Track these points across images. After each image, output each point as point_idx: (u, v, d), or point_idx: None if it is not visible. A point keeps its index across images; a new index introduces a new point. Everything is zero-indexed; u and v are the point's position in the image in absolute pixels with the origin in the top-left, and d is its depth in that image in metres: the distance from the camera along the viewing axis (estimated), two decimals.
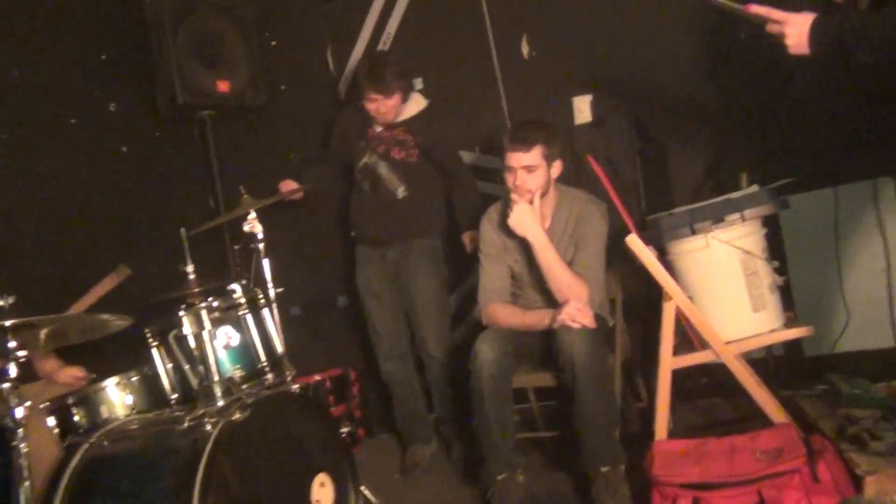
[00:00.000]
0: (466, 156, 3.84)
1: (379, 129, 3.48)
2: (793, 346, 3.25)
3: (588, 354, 2.59)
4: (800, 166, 3.04)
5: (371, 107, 3.37)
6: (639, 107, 3.53)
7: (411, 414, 3.63)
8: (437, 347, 3.46)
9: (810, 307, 3.12)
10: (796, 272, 3.11)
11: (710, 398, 3.44)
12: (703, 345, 2.59)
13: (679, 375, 2.69)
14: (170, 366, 2.78)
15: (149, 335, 2.78)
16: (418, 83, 3.95)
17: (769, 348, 3.13)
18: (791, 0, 1.98)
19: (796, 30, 1.69)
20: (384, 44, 4.07)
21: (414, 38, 4.00)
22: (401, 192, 3.46)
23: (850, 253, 3.10)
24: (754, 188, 2.72)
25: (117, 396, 2.82)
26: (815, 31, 1.66)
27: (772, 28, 1.74)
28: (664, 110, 3.52)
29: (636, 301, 3.26)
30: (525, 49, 3.79)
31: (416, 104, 3.50)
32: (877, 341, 3.13)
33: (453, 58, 3.93)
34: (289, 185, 3.51)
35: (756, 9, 1.77)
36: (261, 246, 3.02)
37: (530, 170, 2.81)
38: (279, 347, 2.82)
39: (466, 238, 3.50)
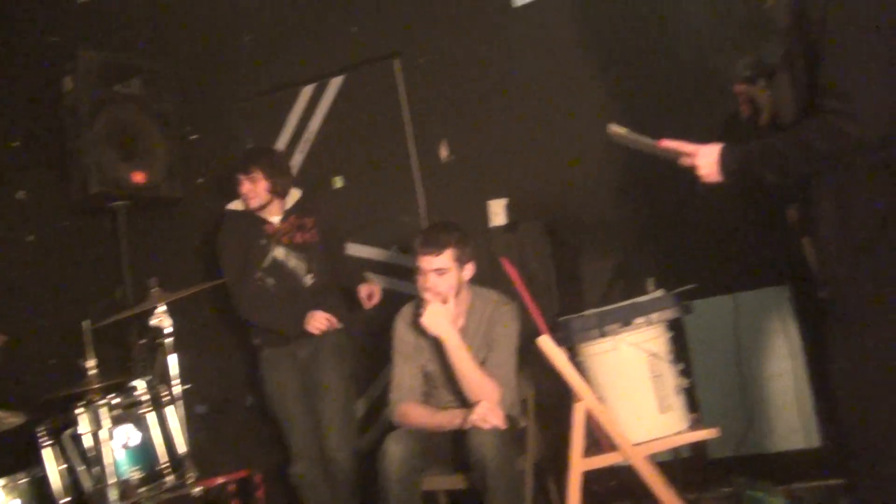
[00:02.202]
0: (382, 253, 3.88)
1: (275, 221, 3.50)
2: (698, 448, 3.30)
3: (499, 456, 2.58)
4: (702, 273, 3.17)
5: (239, 191, 3.47)
6: (552, 212, 3.65)
7: None
8: (340, 448, 3.40)
9: (714, 409, 3.19)
10: (700, 375, 3.20)
11: (620, 502, 3.44)
12: (612, 446, 2.61)
13: (589, 478, 2.69)
14: (63, 467, 2.63)
15: (41, 434, 2.63)
16: (338, 181, 4.02)
17: (675, 450, 3.17)
18: None
19: (706, 160, 1.79)
20: (306, 141, 4.13)
21: (336, 137, 4.08)
22: (308, 279, 3.47)
23: (750, 356, 3.21)
24: (660, 293, 2.81)
25: (3, 500, 2.64)
26: (724, 160, 1.77)
27: (684, 161, 1.84)
28: (576, 216, 3.64)
29: (548, 402, 3.28)
30: (444, 152, 3.90)
31: (294, 196, 3.58)
32: (778, 444, 3.21)
33: (374, 158, 4.01)
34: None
35: (667, 144, 1.87)
36: (168, 341, 2.94)
37: (441, 273, 2.85)
38: (182, 447, 2.70)
39: (363, 290, 3.50)
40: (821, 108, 1.57)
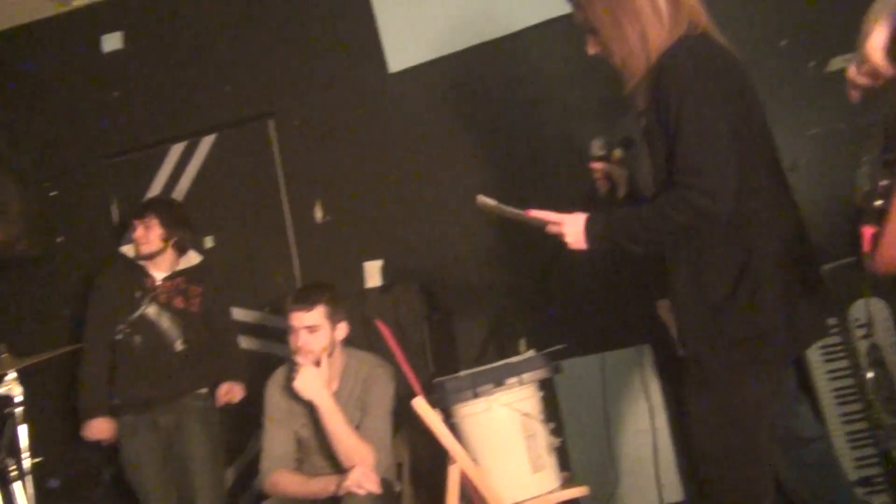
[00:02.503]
0: (254, 315, 3.79)
1: (160, 277, 3.37)
2: None
3: None
4: (571, 334, 3.28)
5: (132, 237, 3.39)
6: (427, 273, 3.69)
7: None
8: None
9: (585, 467, 3.26)
10: (571, 434, 3.27)
11: None
12: None
13: None
14: None
15: None
16: (209, 241, 3.92)
17: None
18: None
19: (572, 229, 1.87)
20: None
21: (207, 197, 3.99)
22: (179, 344, 3.35)
23: (617, 414, 3.32)
24: (531, 353, 2.87)
25: None
26: (589, 230, 1.85)
27: (551, 229, 1.92)
28: (451, 278, 3.70)
29: (424, 465, 3.26)
30: (319, 213, 3.88)
31: (191, 259, 3.51)
32: (644, 499, 3.31)
33: (246, 218, 3.95)
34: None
35: (535, 213, 1.95)
36: (17, 411, 2.74)
37: (312, 330, 2.81)
38: None
39: (222, 390, 3.42)
40: (676, 183, 1.68)
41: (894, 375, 3.12)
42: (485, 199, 2.04)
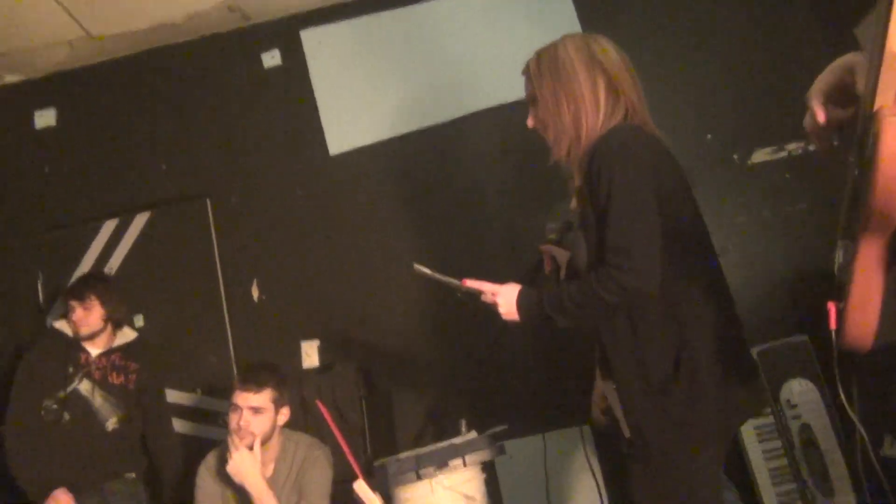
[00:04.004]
0: (186, 397, 3.66)
1: (95, 353, 3.26)
2: None
3: None
4: (512, 413, 3.26)
5: (70, 317, 3.26)
6: (365, 354, 3.65)
7: None
8: None
9: None
10: None
11: None
12: None
13: None
14: None
15: None
16: (139, 319, 3.80)
17: None
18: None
19: (506, 299, 1.90)
20: None
21: (138, 274, 3.88)
22: (111, 423, 3.20)
23: (559, 494, 3.28)
24: (472, 434, 2.85)
25: None
26: (521, 302, 1.88)
27: (486, 298, 1.94)
28: (389, 358, 3.66)
29: None
30: (255, 293, 3.82)
31: (127, 335, 3.41)
32: None
33: (179, 297, 3.85)
34: None
35: (471, 283, 1.98)
36: None
37: (257, 412, 2.74)
38: None
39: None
40: (605, 262, 1.72)
41: (825, 454, 3.20)
42: (420, 268, 2.06)
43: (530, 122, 1.99)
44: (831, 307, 1.47)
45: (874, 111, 1.20)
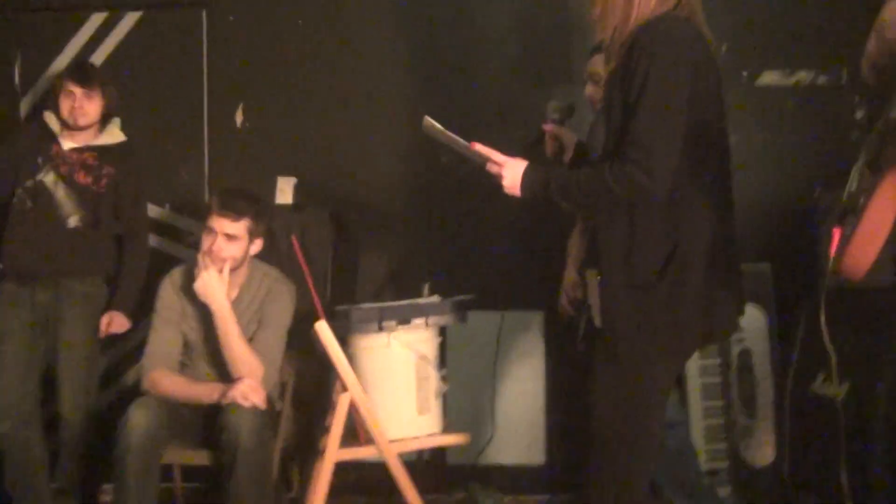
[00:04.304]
0: (154, 210, 3.63)
1: (67, 146, 3.17)
2: (437, 453, 3.44)
3: (254, 436, 2.51)
4: (474, 286, 3.32)
5: (66, 103, 3.13)
6: (339, 200, 3.63)
7: (26, 483, 3.14)
8: (73, 409, 3.09)
9: (460, 418, 3.33)
10: (453, 383, 3.32)
11: (354, 496, 3.47)
12: (369, 440, 2.64)
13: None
14: None
15: None
16: (116, 123, 3.69)
17: (420, 452, 3.28)
18: None
19: (511, 173, 1.87)
20: None
21: (120, 76, 3.71)
22: (73, 220, 3.14)
23: (504, 374, 3.40)
24: (436, 298, 2.90)
25: None
26: (527, 178, 1.86)
27: (491, 167, 1.91)
28: (363, 209, 3.65)
29: (306, 388, 3.24)
30: (239, 118, 3.73)
31: (114, 135, 3.30)
32: (510, 457, 3.43)
33: (160, 108, 3.72)
34: None
35: (479, 148, 1.94)
36: None
37: (231, 239, 2.73)
38: None
39: (104, 319, 3.17)
40: (623, 155, 1.72)
41: (757, 380, 3.36)
42: (432, 122, 2.01)
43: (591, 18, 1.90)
44: (836, 232, 1.50)
45: None
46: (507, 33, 3.68)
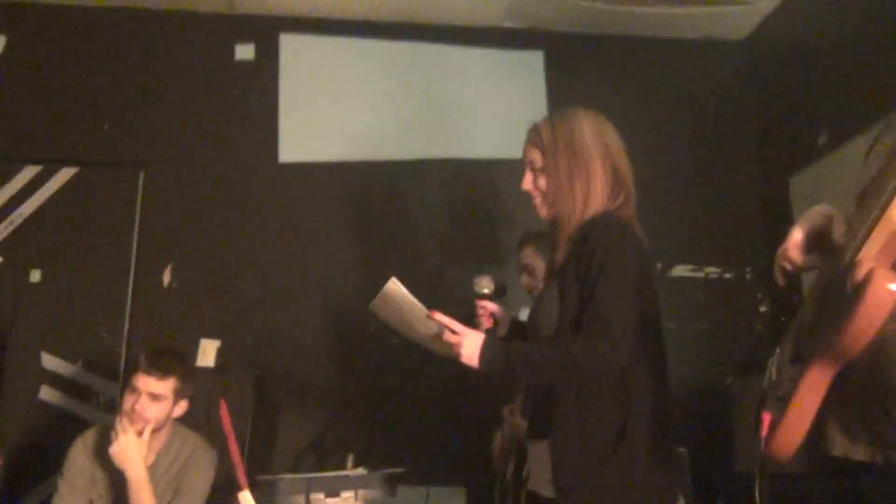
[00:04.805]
0: (65, 367, 3.48)
1: None
2: None
3: None
4: (397, 459, 3.26)
5: None
6: (262, 364, 3.58)
7: None
8: None
9: None
10: None
11: None
12: None
13: None
14: None
15: None
16: (36, 274, 3.61)
17: None
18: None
19: (470, 343, 1.91)
20: (10, 223, 3.68)
21: (47, 228, 3.68)
22: None
23: None
24: (361, 470, 2.82)
25: None
26: (486, 349, 1.91)
27: (449, 337, 1.95)
28: (286, 376, 3.61)
29: None
30: (167, 278, 3.70)
31: None
32: None
33: (85, 262, 3.67)
34: None
35: (439, 317, 1.98)
36: None
37: (156, 398, 2.63)
38: None
39: None
40: (586, 328, 1.81)
41: None
42: (398, 284, 2.03)
43: (527, 186, 2.05)
44: (766, 416, 1.59)
45: (857, 259, 1.33)
46: (439, 214, 3.86)
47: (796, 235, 1.53)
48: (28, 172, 3.76)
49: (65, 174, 3.78)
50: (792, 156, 3.76)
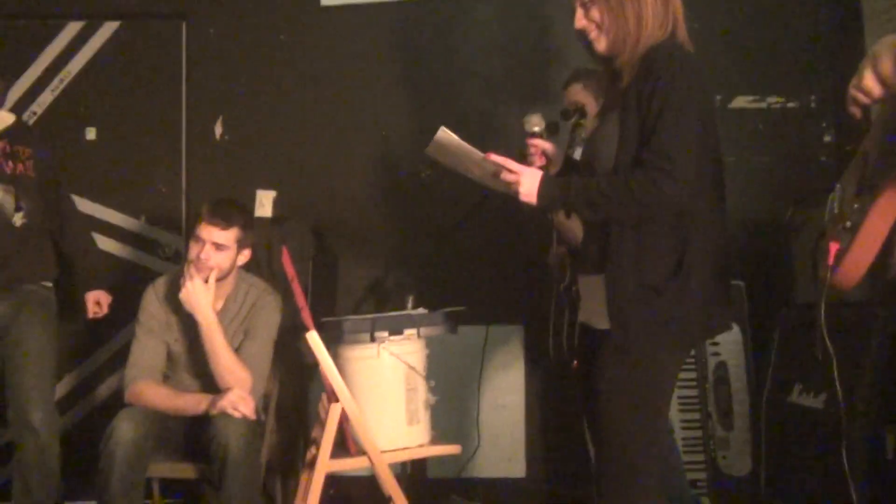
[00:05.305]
0: (129, 221, 3.57)
1: None
2: (418, 465, 3.42)
3: (244, 446, 2.48)
4: (457, 300, 3.33)
5: None
6: (319, 213, 3.62)
7: None
8: (46, 423, 2.90)
9: (444, 430, 3.32)
10: (441, 395, 3.33)
11: None
12: (359, 451, 2.62)
13: None
14: None
15: None
16: (91, 132, 3.65)
17: (403, 465, 3.26)
18: None
19: (528, 181, 1.90)
20: (60, 80, 3.69)
21: (97, 86, 3.69)
22: (18, 218, 2.93)
23: (490, 386, 3.41)
24: (422, 310, 2.89)
25: None
26: (544, 186, 1.89)
27: (507, 176, 1.93)
28: (343, 222, 3.65)
29: (288, 400, 3.20)
30: (219, 130, 3.70)
31: (5, 117, 3.06)
32: (491, 470, 3.43)
33: (138, 119, 3.69)
34: None
35: (495, 158, 1.96)
36: None
37: (220, 248, 2.70)
38: None
39: (90, 299, 3.08)
40: (647, 164, 1.77)
41: (733, 393, 3.43)
42: (448, 133, 2.00)
43: (581, 23, 1.95)
44: (832, 246, 1.57)
45: None
46: (488, 54, 3.72)
47: (882, 65, 1.42)
48: (71, 29, 3.72)
49: (108, 28, 3.73)
50: None
